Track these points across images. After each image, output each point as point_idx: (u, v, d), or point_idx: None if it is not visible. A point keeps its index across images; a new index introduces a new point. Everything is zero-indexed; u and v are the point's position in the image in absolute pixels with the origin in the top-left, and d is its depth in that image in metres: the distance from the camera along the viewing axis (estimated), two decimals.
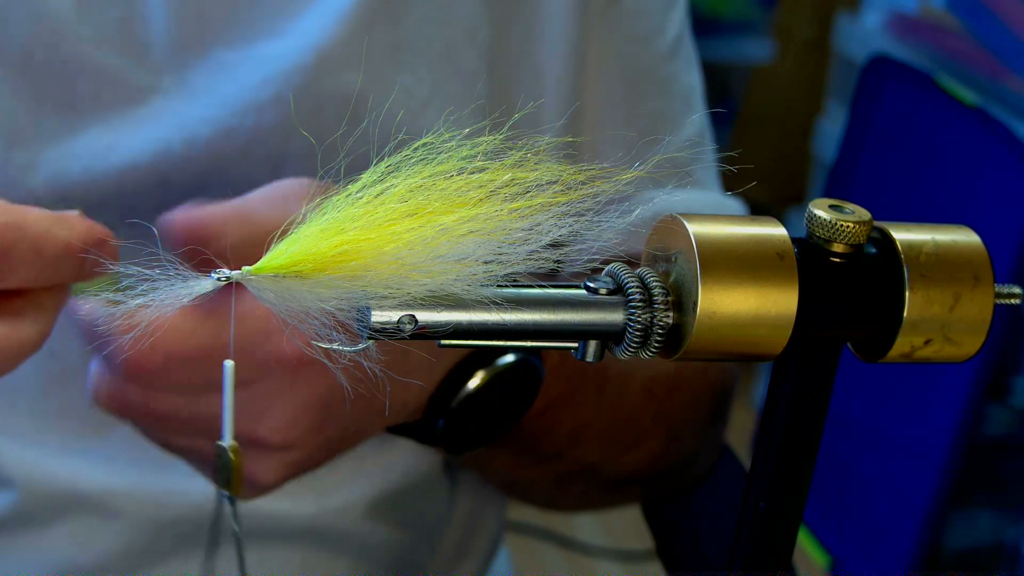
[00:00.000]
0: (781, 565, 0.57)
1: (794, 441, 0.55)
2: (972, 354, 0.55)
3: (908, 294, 0.53)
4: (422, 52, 0.86)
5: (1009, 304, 0.55)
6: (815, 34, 2.85)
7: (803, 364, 0.54)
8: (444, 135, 0.51)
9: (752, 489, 0.56)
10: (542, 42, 0.89)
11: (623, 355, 0.51)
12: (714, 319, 0.50)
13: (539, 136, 0.52)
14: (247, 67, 0.84)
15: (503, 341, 0.50)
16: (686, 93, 0.95)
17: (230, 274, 0.50)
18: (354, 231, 0.49)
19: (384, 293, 0.48)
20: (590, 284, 0.51)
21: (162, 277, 0.50)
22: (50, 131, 0.83)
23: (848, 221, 0.52)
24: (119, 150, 0.84)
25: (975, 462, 2.04)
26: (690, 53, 0.97)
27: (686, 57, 0.96)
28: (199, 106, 0.84)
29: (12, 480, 0.87)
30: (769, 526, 0.56)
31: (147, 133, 0.84)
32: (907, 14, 2.29)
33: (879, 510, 2.16)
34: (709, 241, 0.51)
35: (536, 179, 0.51)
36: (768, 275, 0.51)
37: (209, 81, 0.84)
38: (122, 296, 0.49)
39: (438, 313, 0.49)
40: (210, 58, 0.84)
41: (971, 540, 2.12)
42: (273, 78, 0.84)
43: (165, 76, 0.84)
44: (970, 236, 0.55)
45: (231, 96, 0.84)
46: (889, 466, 2.13)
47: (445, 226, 0.49)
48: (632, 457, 0.90)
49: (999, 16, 2.08)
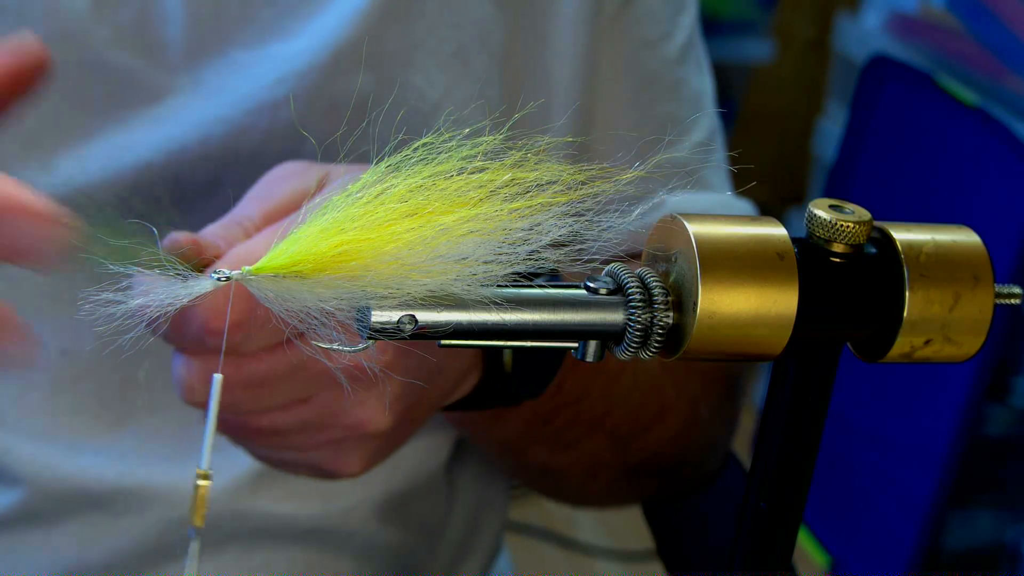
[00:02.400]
0: (781, 565, 0.57)
1: (794, 441, 0.55)
2: (972, 354, 0.55)
3: (908, 294, 0.53)
4: (434, 54, 0.86)
5: (1009, 304, 0.55)
6: (815, 34, 2.85)
7: (803, 364, 0.54)
8: (445, 135, 0.51)
9: (752, 489, 0.56)
10: (554, 46, 0.90)
11: (623, 355, 0.51)
12: (714, 319, 0.50)
13: (539, 136, 0.52)
14: (262, 67, 0.84)
15: (503, 341, 0.50)
16: (696, 97, 0.96)
17: (230, 274, 0.50)
18: (354, 231, 0.49)
19: (384, 293, 0.48)
20: (590, 284, 0.51)
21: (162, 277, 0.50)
22: (66, 131, 0.84)
23: (848, 221, 0.52)
24: (134, 149, 0.84)
25: (975, 462, 2.04)
26: (700, 57, 0.97)
27: (696, 61, 0.96)
28: (214, 105, 0.84)
29: (21, 477, 0.87)
30: (769, 526, 0.56)
31: (162, 132, 0.84)
32: (907, 14, 2.29)
33: (879, 510, 2.15)
34: (709, 241, 0.51)
35: (536, 179, 0.51)
36: (768, 275, 0.51)
37: (224, 80, 0.85)
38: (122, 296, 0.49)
39: (438, 313, 0.49)
40: (225, 57, 0.85)
41: (971, 540, 2.12)
42: (287, 77, 0.84)
43: (180, 76, 0.84)
44: (970, 236, 0.55)
45: (245, 95, 0.84)
46: (889, 466, 2.13)
47: (445, 226, 0.49)
48: (658, 432, 0.91)
49: (999, 16, 2.08)
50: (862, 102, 2.24)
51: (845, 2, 2.60)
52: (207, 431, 0.52)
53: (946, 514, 2.07)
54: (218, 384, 0.53)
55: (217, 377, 0.53)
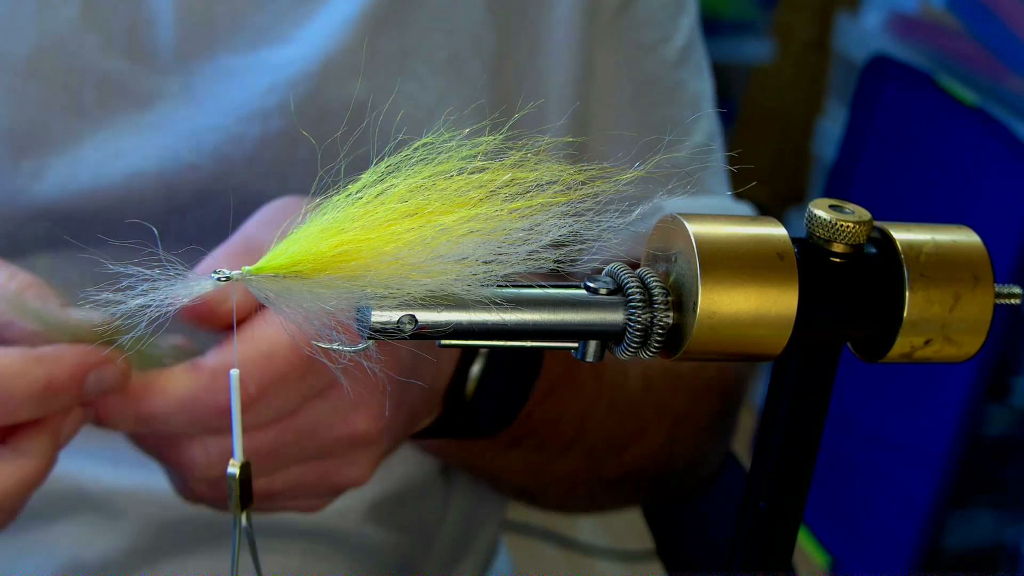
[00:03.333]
0: (781, 565, 0.57)
1: (794, 441, 0.55)
2: (972, 354, 0.55)
3: (908, 294, 0.53)
4: (427, 60, 0.86)
5: (1009, 304, 0.55)
6: (815, 34, 2.85)
7: (803, 364, 0.54)
8: (444, 135, 0.51)
9: (752, 489, 0.56)
10: (547, 51, 0.89)
11: (623, 355, 0.51)
12: (714, 319, 0.50)
13: (539, 136, 0.52)
14: (253, 74, 0.84)
15: (503, 341, 0.50)
16: (695, 100, 0.96)
17: (230, 274, 0.50)
18: (354, 231, 0.49)
19: (384, 293, 0.48)
20: (590, 284, 0.51)
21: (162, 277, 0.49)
22: (57, 138, 0.84)
23: (848, 221, 0.52)
24: (126, 157, 0.84)
25: (975, 462, 2.04)
26: (700, 60, 0.97)
27: (696, 64, 0.96)
28: (205, 113, 0.84)
29: None
30: (769, 526, 0.56)
31: (154, 140, 0.84)
32: (907, 14, 2.29)
33: (879, 510, 2.15)
34: (709, 241, 0.51)
35: (536, 179, 0.51)
36: (768, 275, 0.51)
37: (215, 88, 0.84)
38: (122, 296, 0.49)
39: (438, 313, 0.49)
40: (216, 64, 0.85)
41: (971, 540, 2.12)
42: (279, 85, 0.84)
43: (171, 83, 0.84)
44: (970, 236, 0.55)
45: (237, 103, 0.84)
46: (889, 466, 2.13)
47: (445, 226, 0.49)
48: (637, 450, 0.91)
49: (999, 16, 2.08)
50: (862, 102, 2.24)
51: (845, 2, 2.60)
52: (234, 423, 0.56)
53: (946, 514, 2.07)
54: (236, 379, 0.56)
55: (234, 373, 0.55)
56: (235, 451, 0.57)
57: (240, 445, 0.57)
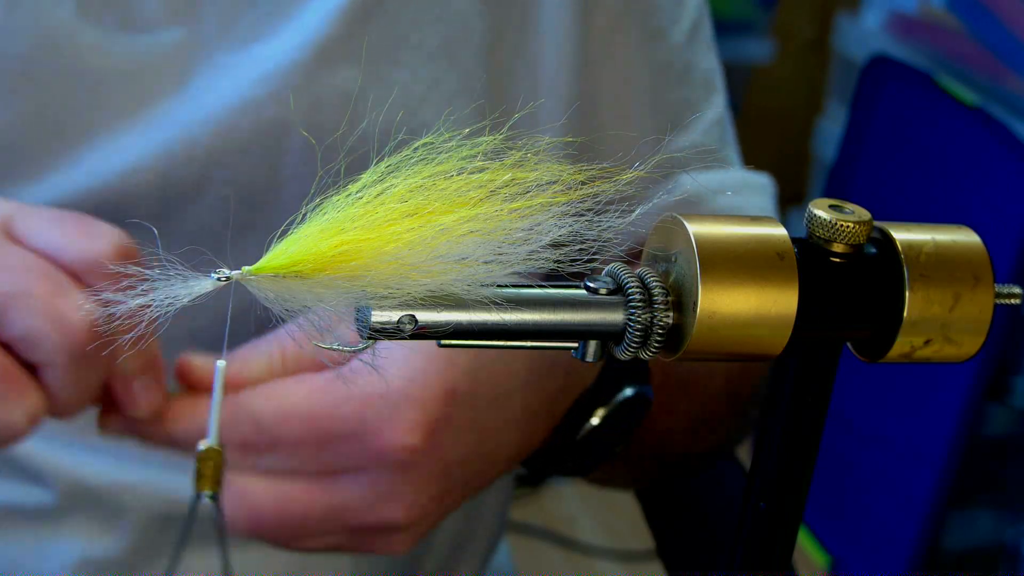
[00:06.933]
0: (781, 565, 0.57)
1: (794, 441, 0.55)
2: (972, 354, 0.55)
3: (908, 294, 0.53)
4: (418, 48, 0.86)
5: (1009, 304, 0.55)
6: (815, 34, 2.85)
7: (803, 364, 0.54)
8: (444, 135, 0.51)
9: (752, 489, 0.56)
10: (539, 35, 0.89)
11: (623, 355, 0.51)
12: (714, 319, 0.50)
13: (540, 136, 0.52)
14: (245, 66, 0.84)
15: (503, 341, 0.50)
16: (706, 78, 0.96)
17: (230, 274, 0.50)
18: (354, 231, 0.49)
19: (384, 293, 0.48)
20: (590, 284, 0.51)
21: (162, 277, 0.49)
22: (53, 139, 0.84)
23: (848, 221, 0.52)
24: (121, 154, 0.84)
25: (975, 462, 2.04)
26: (708, 36, 0.97)
27: (704, 41, 0.96)
28: (198, 106, 0.84)
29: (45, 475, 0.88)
30: (769, 526, 0.56)
31: (148, 136, 0.84)
32: (907, 14, 2.29)
33: (879, 510, 2.15)
34: (709, 241, 0.51)
35: (536, 179, 0.51)
36: (768, 275, 0.51)
37: (208, 82, 0.85)
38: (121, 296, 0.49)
39: (438, 313, 0.49)
40: (209, 60, 0.85)
41: (971, 540, 2.12)
42: (270, 76, 0.84)
43: (165, 79, 0.84)
44: (970, 236, 0.55)
45: (230, 95, 0.84)
46: (889, 466, 2.13)
47: (445, 226, 0.49)
48: (708, 441, 0.93)
49: (999, 16, 2.08)
50: (862, 102, 2.24)
51: (845, 2, 2.60)
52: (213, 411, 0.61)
53: (946, 514, 2.07)
54: (222, 371, 0.59)
55: (220, 363, 0.58)
56: (210, 433, 0.62)
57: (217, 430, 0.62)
